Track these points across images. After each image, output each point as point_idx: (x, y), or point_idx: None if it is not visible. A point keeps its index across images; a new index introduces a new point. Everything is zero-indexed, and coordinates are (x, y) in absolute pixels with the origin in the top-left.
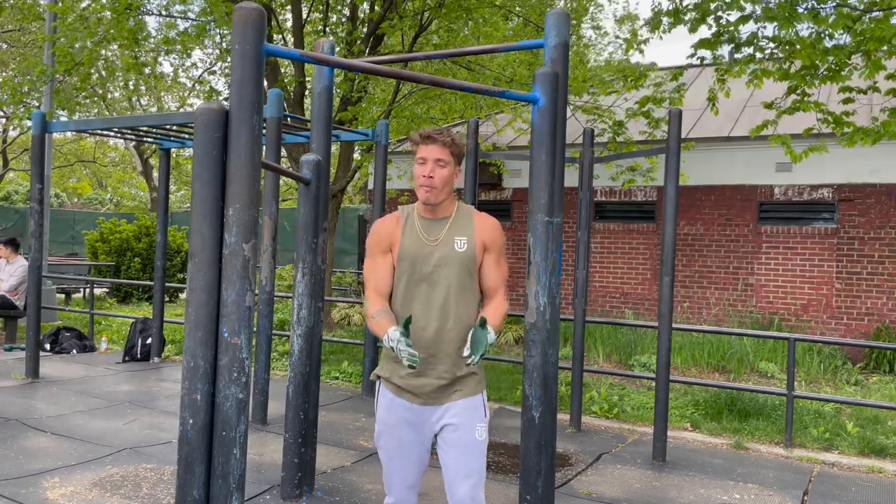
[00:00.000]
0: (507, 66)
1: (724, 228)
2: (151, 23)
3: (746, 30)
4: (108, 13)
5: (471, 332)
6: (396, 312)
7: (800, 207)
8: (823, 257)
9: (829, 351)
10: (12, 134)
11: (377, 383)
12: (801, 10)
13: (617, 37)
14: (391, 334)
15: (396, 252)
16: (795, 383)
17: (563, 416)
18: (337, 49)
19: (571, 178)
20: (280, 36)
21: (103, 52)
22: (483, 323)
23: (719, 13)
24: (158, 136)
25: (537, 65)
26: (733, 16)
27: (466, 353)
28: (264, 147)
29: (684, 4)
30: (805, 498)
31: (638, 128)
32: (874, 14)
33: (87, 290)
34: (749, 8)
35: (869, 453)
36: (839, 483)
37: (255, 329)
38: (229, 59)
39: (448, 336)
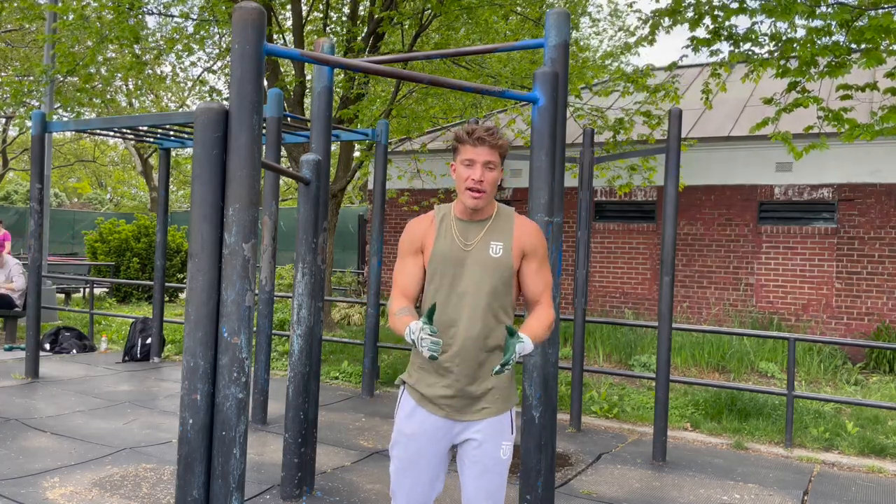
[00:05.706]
0: (507, 63)
1: (724, 228)
2: (151, 22)
3: (744, 25)
4: (108, 13)
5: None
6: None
7: (800, 207)
8: (823, 257)
9: (829, 351)
10: (12, 134)
11: (401, 388)
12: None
13: (620, 28)
14: (413, 326)
15: (428, 254)
16: (795, 383)
17: (563, 416)
18: (337, 49)
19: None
20: (280, 35)
21: (105, 51)
22: (512, 332)
23: (716, 12)
24: (158, 135)
25: (537, 62)
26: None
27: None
28: (264, 147)
29: (685, 4)
30: (805, 498)
31: (637, 129)
32: (873, 12)
33: (87, 290)
34: (748, 3)
35: (869, 453)
36: (839, 483)
37: (254, 329)
38: (229, 59)
39: (476, 346)
